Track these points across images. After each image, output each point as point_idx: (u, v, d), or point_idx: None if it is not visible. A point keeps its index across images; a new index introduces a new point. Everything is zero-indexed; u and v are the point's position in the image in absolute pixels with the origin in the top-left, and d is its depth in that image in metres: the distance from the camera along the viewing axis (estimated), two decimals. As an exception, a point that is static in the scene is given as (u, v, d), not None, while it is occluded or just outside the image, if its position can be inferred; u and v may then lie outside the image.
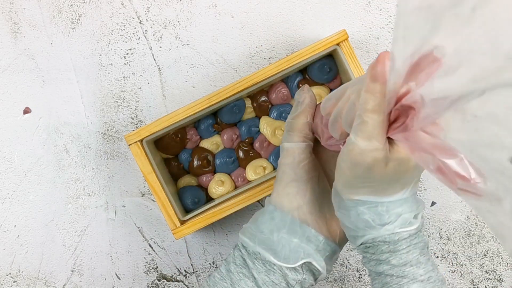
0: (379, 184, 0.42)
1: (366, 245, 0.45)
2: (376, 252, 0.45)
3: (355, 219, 0.44)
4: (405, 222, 0.44)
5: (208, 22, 0.70)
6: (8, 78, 0.70)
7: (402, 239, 0.44)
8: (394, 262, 0.44)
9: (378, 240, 0.44)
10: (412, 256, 0.44)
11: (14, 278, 0.70)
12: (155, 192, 0.61)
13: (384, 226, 0.43)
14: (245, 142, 0.66)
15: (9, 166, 0.70)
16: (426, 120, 0.36)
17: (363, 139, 0.39)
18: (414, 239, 0.44)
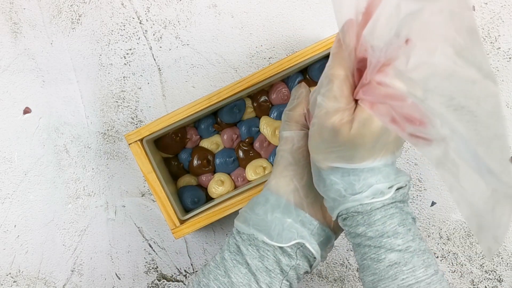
0: (346, 148, 0.42)
1: (342, 216, 0.46)
2: (352, 224, 0.45)
3: (329, 189, 0.45)
4: (377, 192, 0.43)
5: (208, 22, 0.70)
6: (8, 78, 0.70)
7: (375, 209, 0.44)
8: (370, 234, 0.44)
9: (352, 210, 0.44)
10: (389, 227, 0.44)
11: (14, 278, 0.70)
12: (155, 191, 0.61)
13: (354, 196, 0.44)
14: (245, 142, 0.66)
15: (9, 166, 0.70)
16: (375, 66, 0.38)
17: (330, 99, 0.41)
18: (389, 209, 0.44)
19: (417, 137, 0.38)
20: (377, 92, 0.39)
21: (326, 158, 0.44)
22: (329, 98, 0.41)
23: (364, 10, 0.39)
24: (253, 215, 0.50)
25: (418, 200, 0.70)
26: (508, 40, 0.69)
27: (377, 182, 0.44)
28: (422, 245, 0.45)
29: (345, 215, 0.45)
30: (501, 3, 0.69)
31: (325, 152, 0.44)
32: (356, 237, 0.45)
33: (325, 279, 0.70)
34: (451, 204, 0.70)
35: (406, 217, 0.45)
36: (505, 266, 0.69)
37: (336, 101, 0.41)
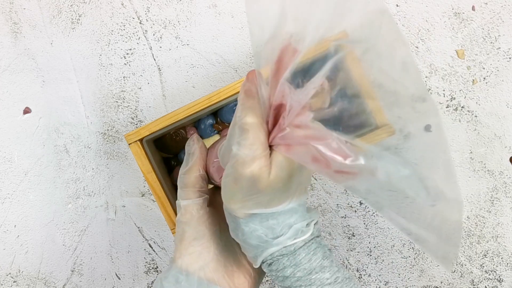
0: (264, 195, 0.42)
1: (267, 262, 0.45)
2: (279, 268, 0.45)
3: (249, 237, 0.44)
4: (297, 232, 0.44)
5: (208, 22, 0.70)
6: (8, 78, 0.70)
7: (298, 248, 0.44)
8: (299, 274, 0.44)
9: (276, 254, 0.44)
10: (315, 263, 0.44)
11: (14, 278, 0.70)
12: (154, 191, 0.61)
13: (278, 239, 0.43)
14: (245, 142, 0.66)
15: (9, 166, 0.70)
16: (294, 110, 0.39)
17: (245, 148, 0.40)
18: (311, 245, 0.44)
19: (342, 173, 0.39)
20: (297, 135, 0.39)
21: (243, 207, 0.43)
22: (245, 147, 0.40)
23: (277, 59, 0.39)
24: None
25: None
26: (508, 40, 0.69)
27: (295, 222, 0.44)
28: (347, 273, 0.46)
29: (269, 260, 0.45)
30: (501, 3, 0.69)
31: (241, 201, 0.43)
32: (285, 280, 0.45)
33: None
34: (451, 204, 0.70)
35: (325, 249, 0.45)
36: (505, 266, 0.69)
37: (252, 150, 0.40)
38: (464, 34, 0.69)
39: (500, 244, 0.69)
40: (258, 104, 0.41)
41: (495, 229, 0.69)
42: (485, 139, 0.69)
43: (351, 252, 0.70)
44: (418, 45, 0.69)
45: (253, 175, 0.40)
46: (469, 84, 0.69)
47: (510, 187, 0.69)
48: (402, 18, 0.69)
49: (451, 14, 0.70)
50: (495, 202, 0.69)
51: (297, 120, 0.39)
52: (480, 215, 0.69)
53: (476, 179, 0.69)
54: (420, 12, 0.69)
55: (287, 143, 0.40)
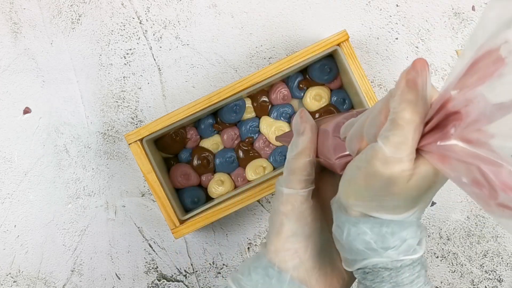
0: (393, 201, 0.38)
1: (365, 270, 0.42)
2: (376, 280, 0.41)
3: (355, 239, 0.40)
4: (410, 248, 0.40)
5: (208, 22, 0.70)
6: (8, 78, 0.70)
7: (405, 266, 0.40)
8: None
9: (380, 266, 0.40)
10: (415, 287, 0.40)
11: (14, 278, 0.70)
12: (154, 191, 0.61)
13: (387, 251, 0.39)
14: (245, 142, 0.66)
15: (9, 166, 0.70)
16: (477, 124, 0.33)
17: (393, 146, 0.35)
18: (416, 267, 0.41)
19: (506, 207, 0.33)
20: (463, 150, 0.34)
21: (364, 206, 0.39)
22: (393, 145, 0.35)
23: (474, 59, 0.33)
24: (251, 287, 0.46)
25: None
26: (508, 40, 0.69)
27: (408, 236, 0.40)
28: None
29: (368, 269, 0.41)
30: (501, 3, 0.69)
31: (366, 200, 0.39)
32: None
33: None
34: (451, 204, 0.70)
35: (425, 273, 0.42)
36: (505, 266, 0.69)
37: (400, 150, 0.35)
38: (464, 34, 0.69)
39: (500, 244, 0.69)
40: (421, 100, 0.35)
41: (495, 229, 0.69)
42: (485, 139, 0.69)
43: (351, 252, 0.70)
44: (418, 45, 0.69)
45: (391, 178, 0.36)
46: (469, 84, 0.69)
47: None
48: (402, 18, 0.69)
49: (451, 14, 0.70)
50: (495, 202, 0.69)
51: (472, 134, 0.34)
52: (480, 215, 0.69)
53: (476, 179, 0.69)
54: (420, 12, 0.69)
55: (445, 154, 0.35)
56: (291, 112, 0.66)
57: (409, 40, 0.69)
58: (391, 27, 0.69)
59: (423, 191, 0.37)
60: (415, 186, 0.36)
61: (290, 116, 0.66)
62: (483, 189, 0.33)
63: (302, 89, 0.66)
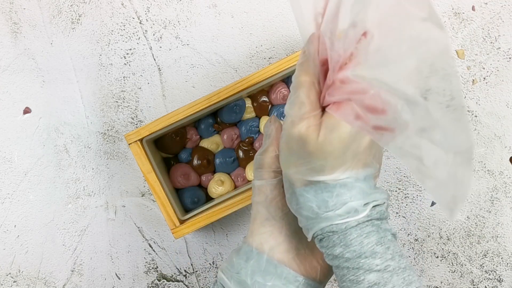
0: (315, 158, 0.41)
1: (318, 237, 0.44)
2: (329, 245, 0.43)
3: (302, 206, 0.44)
4: (350, 210, 0.42)
5: (208, 22, 0.70)
6: (8, 78, 0.70)
7: (349, 227, 0.42)
8: (348, 256, 0.42)
9: (327, 230, 0.43)
10: (366, 247, 0.42)
11: (14, 278, 0.70)
12: (154, 191, 0.61)
13: (327, 213, 0.42)
14: (245, 142, 0.66)
15: (9, 166, 0.70)
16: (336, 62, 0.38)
17: (295, 106, 0.40)
18: (365, 228, 0.42)
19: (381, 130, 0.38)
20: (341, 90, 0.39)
21: (297, 172, 0.43)
22: (295, 105, 0.40)
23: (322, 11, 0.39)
24: (235, 273, 0.49)
25: (418, 200, 0.70)
26: (508, 40, 0.69)
27: (351, 199, 0.42)
28: (402, 263, 0.43)
29: (320, 235, 0.44)
30: (501, 3, 0.69)
31: (295, 165, 0.42)
32: (334, 259, 0.44)
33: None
34: (451, 204, 0.70)
35: (384, 234, 0.43)
36: (505, 266, 0.69)
37: (302, 108, 0.40)
38: (464, 34, 0.69)
39: (500, 244, 0.69)
40: (313, 63, 0.40)
41: (495, 229, 0.69)
42: (485, 139, 0.69)
43: (351, 252, 0.70)
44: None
45: (301, 135, 0.40)
46: (469, 84, 0.69)
47: (510, 187, 0.69)
48: (402, 18, 0.69)
49: (451, 14, 0.70)
50: (495, 202, 0.69)
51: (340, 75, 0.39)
52: (480, 215, 0.69)
53: (476, 179, 0.69)
54: (420, 12, 0.69)
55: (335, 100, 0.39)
56: (291, 112, 0.66)
57: (409, 40, 0.69)
58: (391, 27, 0.69)
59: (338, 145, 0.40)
60: (325, 140, 0.40)
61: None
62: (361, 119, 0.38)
63: (302, 89, 0.66)
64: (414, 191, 0.70)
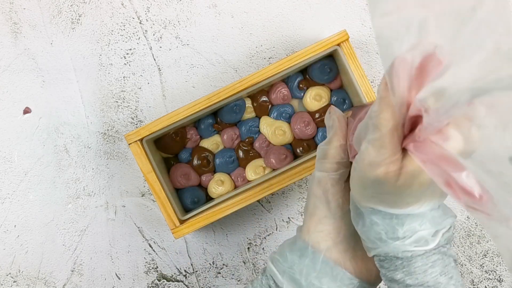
0: (390, 197, 0.39)
1: (380, 258, 0.43)
2: (390, 268, 0.42)
3: (368, 229, 0.42)
4: (420, 240, 0.40)
5: (208, 22, 0.70)
6: (8, 78, 0.70)
7: (416, 256, 0.41)
8: (409, 282, 0.41)
9: (391, 255, 0.42)
10: (430, 276, 0.41)
11: (14, 278, 0.70)
12: (154, 191, 0.61)
13: (395, 242, 0.41)
14: (245, 142, 0.66)
15: (9, 166, 0.70)
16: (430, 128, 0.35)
17: (375, 148, 0.37)
18: (431, 256, 0.41)
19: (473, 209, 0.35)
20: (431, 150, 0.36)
21: (368, 201, 0.41)
22: (374, 147, 0.37)
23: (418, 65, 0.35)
24: (287, 266, 0.47)
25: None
26: (508, 40, 0.69)
27: (421, 227, 0.40)
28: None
29: (383, 257, 0.43)
30: (501, 3, 0.69)
31: (366, 196, 0.40)
32: (393, 282, 0.42)
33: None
34: (451, 204, 0.70)
35: (448, 262, 0.42)
36: (505, 266, 0.69)
37: (381, 152, 0.37)
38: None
39: (500, 244, 0.69)
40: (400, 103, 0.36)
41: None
42: (485, 139, 0.69)
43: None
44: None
45: (377, 179, 0.38)
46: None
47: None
48: (402, 18, 0.69)
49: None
50: (495, 202, 0.69)
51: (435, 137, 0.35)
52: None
53: (476, 179, 0.69)
54: (420, 12, 0.69)
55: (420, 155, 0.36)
56: (291, 112, 0.66)
57: (409, 40, 0.69)
58: (391, 27, 0.69)
59: (415, 187, 0.38)
60: (405, 184, 0.37)
61: (290, 116, 0.66)
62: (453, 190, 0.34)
63: (302, 89, 0.66)
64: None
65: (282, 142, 0.65)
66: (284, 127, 0.65)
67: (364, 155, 0.38)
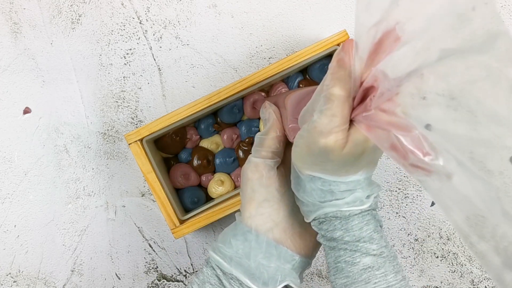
0: (332, 165, 0.42)
1: (319, 220, 0.46)
2: (329, 228, 0.46)
3: (309, 194, 0.45)
4: (356, 200, 0.44)
5: (208, 22, 0.70)
6: (8, 78, 0.70)
7: (353, 215, 0.45)
8: (347, 239, 0.45)
9: (330, 215, 0.45)
10: (365, 233, 0.45)
11: (14, 278, 0.70)
12: (154, 191, 0.61)
13: (335, 201, 0.44)
14: (245, 142, 0.66)
15: (9, 166, 0.70)
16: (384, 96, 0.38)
17: (326, 117, 0.40)
18: (366, 216, 0.45)
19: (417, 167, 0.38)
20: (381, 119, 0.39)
21: (309, 168, 0.44)
22: (325, 117, 0.41)
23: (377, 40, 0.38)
24: (234, 254, 0.49)
25: (418, 200, 0.70)
26: (508, 40, 0.69)
27: (356, 190, 0.44)
28: (393, 252, 0.46)
29: (322, 219, 0.46)
30: (501, 3, 0.69)
31: (309, 163, 0.44)
32: (332, 240, 0.46)
33: (325, 279, 0.70)
34: (451, 204, 0.70)
35: (379, 224, 0.46)
36: (505, 266, 0.69)
37: (332, 121, 0.40)
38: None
39: (500, 244, 0.69)
40: (348, 76, 0.40)
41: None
42: (485, 139, 0.69)
43: (351, 252, 0.70)
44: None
45: (326, 146, 0.41)
46: (469, 84, 0.69)
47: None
48: (402, 18, 0.69)
49: (451, 14, 0.70)
50: (495, 202, 0.69)
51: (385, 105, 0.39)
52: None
53: (476, 179, 0.69)
54: (420, 12, 0.69)
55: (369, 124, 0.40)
56: (291, 112, 0.66)
57: (409, 40, 0.69)
58: (391, 27, 0.69)
59: (357, 156, 0.42)
60: (349, 153, 0.41)
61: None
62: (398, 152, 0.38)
63: (302, 89, 0.66)
64: (414, 191, 0.70)
65: (282, 142, 0.65)
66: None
67: (316, 123, 0.41)
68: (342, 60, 0.40)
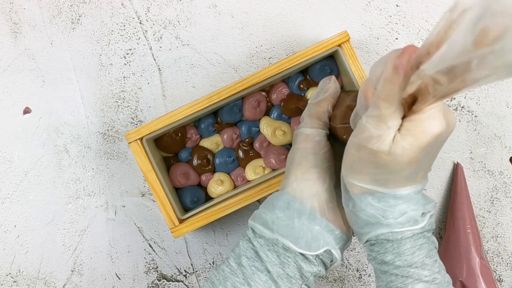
0: (382, 172, 0.42)
1: (371, 242, 0.45)
2: (380, 251, 0.45)
3: (360, 210, 0.44)
4: (410, 219, 0.43)
5: (208, 22, 0.70)
6: (8, 78, 0.70)
7: (405, 238, 0.44)
8: (398, 263, 0.44)
9: (382, 238, 0.44)
10: (417, 258, 0.44)
11: (14, 278, 0.70)
12: (154, 190, 0.61)
13: (387, 220, 0.43)
14: (245, 142, 0.66)
15: (9, 166, 0.70)
16: None
17: (373, 123, 0.40)
18: (418, 239, 0.44)
19: None
20: None
21: (360, 180, 0.43)
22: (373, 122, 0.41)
23: None
24: (275, 219, 0.48)
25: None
26: (508, 40, 0.69)
27: (409, 209, 0.43)
28: (446, 277, 0.45)
29: (373, 241, 0.45)
30: (501, 3, 0.69)
31: (360, 172, 0.43)
32: (383, 264, 0.45)
33: (325, 279, 0.70)
34: (451, 204, 0.70)
35: (432, 247, 0.45)
36: (505, 266, 0.69)
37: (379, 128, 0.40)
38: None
39: (500, 244, 0.69)
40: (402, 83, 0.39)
41: (495, 229, 0.69)
42: (485, 139, 0.69)
43: (351, 252, 0.70)
44: (418, 45, 0.69)
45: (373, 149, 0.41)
46: (469, 84, 0.69)
47: (510, 187, 0.69)
48: (402, 18, 0.69)
49: (451, 14, 0.70)
50: (495, 202, 0.69)
51: None
52: (480, 215, 0.69)
53: (476, 179, 0.69)
54: (420, 12, 0.69)
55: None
56: (291, 112, 0.66)
57: (409, 40, 0.69)
58: (391, 27, 0.69)
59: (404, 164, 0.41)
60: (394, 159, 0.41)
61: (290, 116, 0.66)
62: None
63: (303, 89, 0.66)
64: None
65: (282, 142, 0.65)
66: (284, 127, 0.65)
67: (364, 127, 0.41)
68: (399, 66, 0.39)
